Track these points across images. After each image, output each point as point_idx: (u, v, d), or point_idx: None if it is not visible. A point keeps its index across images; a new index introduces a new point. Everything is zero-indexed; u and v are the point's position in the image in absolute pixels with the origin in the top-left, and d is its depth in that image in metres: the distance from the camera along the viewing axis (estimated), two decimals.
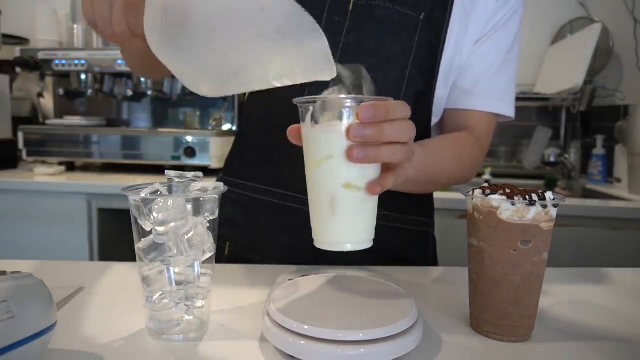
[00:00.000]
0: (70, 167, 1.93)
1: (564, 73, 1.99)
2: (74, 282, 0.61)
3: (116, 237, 1.71)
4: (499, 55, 0.74)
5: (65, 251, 1.62)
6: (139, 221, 0.45)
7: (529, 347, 0.47)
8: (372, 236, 0.48)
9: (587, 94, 2.04)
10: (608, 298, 0.62)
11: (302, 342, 0.41)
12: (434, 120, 0.76)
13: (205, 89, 0.48)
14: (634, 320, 0.55)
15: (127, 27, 0.48)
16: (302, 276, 0.55)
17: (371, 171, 0.45)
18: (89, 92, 1.95)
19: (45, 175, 1.75)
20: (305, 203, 0.48)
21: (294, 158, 0.48)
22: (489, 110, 0.75)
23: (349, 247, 0.46)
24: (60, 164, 1.88)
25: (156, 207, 0.43)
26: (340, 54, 0.70)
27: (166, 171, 0.50)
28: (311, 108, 0.45)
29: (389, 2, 0.69)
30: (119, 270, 0.67)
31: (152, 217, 0.44)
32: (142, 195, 0.45)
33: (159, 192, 0.47)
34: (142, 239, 0.45)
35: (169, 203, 0.44)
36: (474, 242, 0.49)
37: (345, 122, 0.43)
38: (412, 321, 0.44)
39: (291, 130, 0.48)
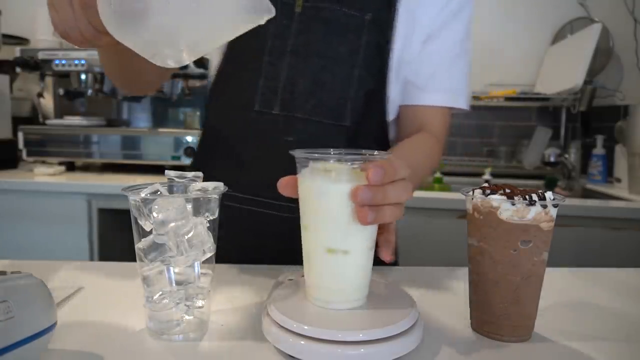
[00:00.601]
0: (70, 167, 1.93)
1: (564, 73, 1.99)
2: (74, 282, 0.61)
3: (116, 237, 1.71)
4: (449, 51, 0.75)
5: (65, 251, 1.62)
6: (139, 221, 0.45)
7: (529, 347, 0.47)
8: (364, 294, 0.47)
9: (587, 94, 2.04)
10: (608, 298, 0.62)
11: (302, 342, 0.41)
12: (390, 117, 0.77)
13: (170, 58, 0.46)
14: (634, 320, 0.55)
15: (90, 26, 0.49)
16: (303, 276, 0.55)
17: (370, 231, 0.45)
18: (89, 92, 1.95)
19: (45, 175, 1.74)
20: (263, 205, 0.47)
21: (251, 161, 0.48)
22: (442, 104, 0.76)
23: (335, 307, 0.46)
24: (60, 164, 1.88)
25: (156, 207, 0.43)
26: (290, 56, 0.71)
27: (166, 171, 0.50)
28: (311, 163, 0.44)
29: (336, 3, 0.70)
30: (119, 270, 0.67)
31: (152, 217, 0.44)
32: (142, 195, 0.45)
33: (159, 192, 0.47)
34: (142, 239, 0.45)
35: (169, 203, 0.44)
36: (474, 242, 0.49)
37: (348, 184, 0.42)
38: (412, 321, 0.44)
39: (284, 183, 0.47)
